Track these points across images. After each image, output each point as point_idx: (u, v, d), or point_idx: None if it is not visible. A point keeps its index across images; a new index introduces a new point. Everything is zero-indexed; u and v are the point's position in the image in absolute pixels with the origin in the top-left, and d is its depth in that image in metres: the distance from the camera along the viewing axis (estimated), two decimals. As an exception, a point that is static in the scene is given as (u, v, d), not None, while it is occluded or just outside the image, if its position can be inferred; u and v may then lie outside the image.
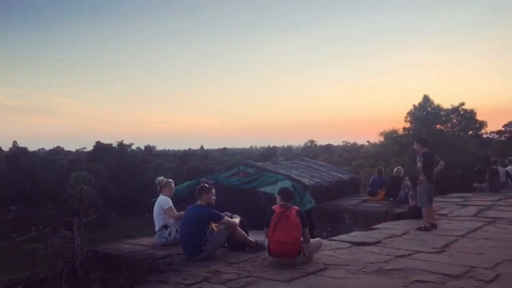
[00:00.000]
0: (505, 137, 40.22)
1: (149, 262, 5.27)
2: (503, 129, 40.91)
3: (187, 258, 5.14)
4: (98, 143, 61.82)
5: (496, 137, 40.85)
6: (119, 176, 52.75)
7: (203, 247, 5.10)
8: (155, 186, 6.45)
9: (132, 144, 65.22)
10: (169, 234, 5.94)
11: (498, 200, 10.23)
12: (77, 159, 61.94)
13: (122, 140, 62.86)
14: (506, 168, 13.98)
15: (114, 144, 62.27)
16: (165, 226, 6.04)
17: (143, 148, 70.52)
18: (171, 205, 6.10)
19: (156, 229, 6.14)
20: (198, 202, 5.36)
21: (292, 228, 4.71)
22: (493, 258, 4.98)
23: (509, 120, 41.15)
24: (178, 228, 5.73)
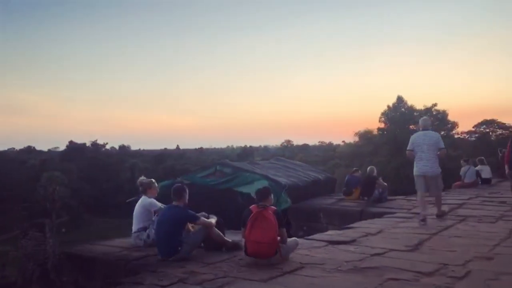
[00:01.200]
0: (475, 137, 41.35)
1: (124, 263, 5.19)
2: (473, 129, 42.06)
3: (162, 259, 5.08)
4: (71, 142, 60.51)
5: (467, 137, 41.95)
6: (93, 176, 51.78)
7: (179, 248, 5.06)
8: (130, 186, 6.36)
9: (107, 143, 64.17)
10: (148, 236, 5.83)
11: (469, 199, 10.51)
12: (49, 159, 60.52)
13: (96, 140, 61.79)
14: (477, 168, 14.37)
15: (88, 144, 61.09)
16: (144, 228, 5.95)
17: (117, 147, 69.37)
18: (160, 205, 6.00)
19: (134, 230, 6.04)
20: (174, 203, 5.31)
21: (269, 228, 4.72)
22: (464, 255, 5.11)
23: (479, 121, 42.32)
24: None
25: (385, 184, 11.69)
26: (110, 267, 5.33)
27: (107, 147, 64.20)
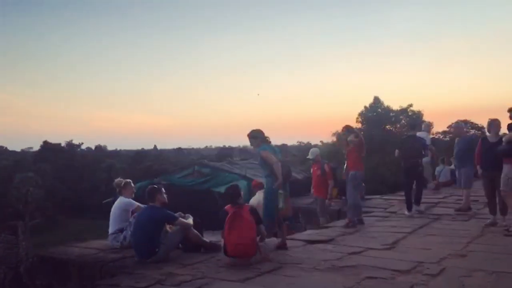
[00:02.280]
0: (449, 137, 42.27)
1: (100, 265, 5.10)
2: (447, 129, 42.98)
3: (140, 260, 5.02)
4: (45, 142, 59.11)
5: (441, 137, 42.84)
6: (68, 177, 50.71)
7: (157, 249, 5.00)
8: (107, 187, 6.27)
9: (82, 143, 62.86)
10: (124, 238, 5.74)
11: (444, 198, 10.73)
12: (23, 159, 59.04)
13: (71, 140, 60.50)
14: (451, 167, 14.67)
15: (63, 144, 59.76)
16: (120, 230, 5.85)
17: (93, 148, 68.19)
18: (138, 204, 5.92)
19: (111, 231, 5.94)
20: (151, 203, 5.25)
21: (247, 228, 4.72)
22: (438, 253, 5.21)
23: (453, 121, 43.26)
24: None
25: (363, 184, 11.82)
26: (86, 270, 5.22)
27: (83, 147, 62.96)
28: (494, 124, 7.00)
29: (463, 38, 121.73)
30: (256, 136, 5.71)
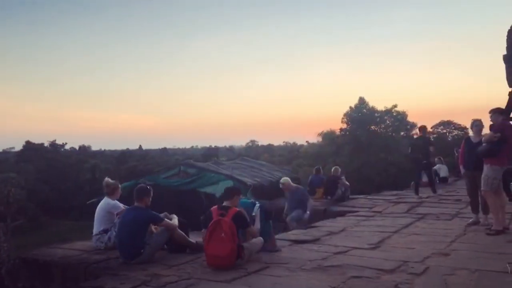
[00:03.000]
0: (433, 137, 42.83)
1: (84, 267, 5.03)
2: (431, 130, 43.55)
3: (124, 261, 4.97)
4: (28, 142, 58.16)
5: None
6: (51, 177, 50.00)
7: (142, 250, 4.95)
8: (91, 188, 6.20)
9: (66, 143, 61.93)
10: (109, 239, 5.68)
11: (427, 197, 10.87)
12: (4, 159, 58.03)
13: (55, 140, 59.62)
14: (435, 167, 14.88)
15: (46, 144, 58.88)
16: (105, 231, 5.78)
17: (77, 148, 67.31)
18: (123, 207, 5.85)
19: (95, 232, 5.86)
20: (136, 204, 5.20)
21: (227, 240, 4.53)
22: (422, 252, 5.28)
23: (437, 122, 43.90)
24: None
25: (348, 183, 11.93)
26: (69, 271, 5.15)
27: (67, 147, 62.03)
28: (475, 124, 7.12)
29: (447, 39, 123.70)
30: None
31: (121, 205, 5.87)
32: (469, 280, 4.14)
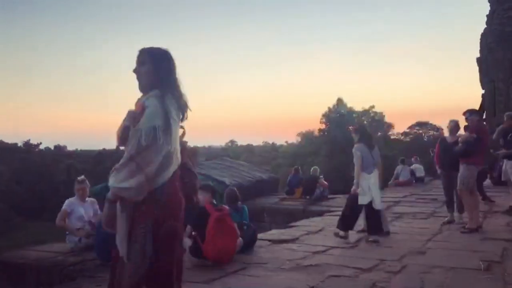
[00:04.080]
0: (409, 138, 43.60)
1: (59, 269, 4.93)
2: (408, 130, 44.34)
3: (101, 263, 4.88)
4: (0, 142, 56.77)
5: (402, 138, 44.12)
6: (25, 178, 48.86)
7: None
8: (66, 188, 6.06)
9: (40, 143, 60.44)
10: (80, 240, 5.57)
11: (404, 197, 11.04)
12: (-24, 160, 56.42)
13: (29, 140, 58.28)
14: (411, 167, 15.14)
15: (20, 144, 57.51)
16: (77, 230, 5.68)
17: (52, 148, 65.90)
18: (64, 207, 5.75)
19: (67, 232, 5.76)
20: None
21: (233, 236, 4.78)
22: (399, 250, 5.35)
23: (413, 123, 44.73)
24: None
25: (326, 183, 12.03)
26: (44, 274, 5.04)
27: (41, 147, 60.64)
28: (451, 125, 7.28)
29: (423, 41, 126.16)
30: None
31: (65, 205, 5.77)
32: (444, 277, 4.23)
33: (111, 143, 2.51)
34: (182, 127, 2.61)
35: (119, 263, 2.43)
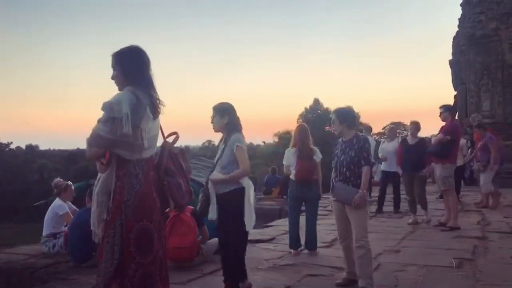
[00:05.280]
0: (384, 138, 44.34)
1: (30, 272, 4.78)
2: (382, 131, 45.07)
3: (75, 265, 4.78)
4: (-31, 141, 55.00)
5: (377, 138, 44.85)
6: (-5, 178, 47.45)
7: (93, 253, 4.78)
8: (39, 189, 5.90)
9: (11, 142, 58.76)
10: (53, 246, 5.41)
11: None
12: None
13: (-1, 138, 56.68)
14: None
15: (-11, 143, 55.88)
16: (53, 235, 5.51)
17: (24, 147, 64.20)
18: (68, 210, 5.60)
19: (43, 234, 5.60)
20: (88, 206, 5.01)
21: (189, 232, 4.61)
22: (375, 249, 5.38)
23: (388, 123, 45.49)
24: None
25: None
26: (14, 277, 4.88)
27: (12, 146, 58.99)
28: (412, 127, 7.59)
29: (397, 41, 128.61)
30: None
31: (67, 209, 5.61)
32: (418, 275, 4.31)
33: (84, 143, 2.53)
34: (175, 132, 2.66)
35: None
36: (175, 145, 2.70)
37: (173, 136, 2.69)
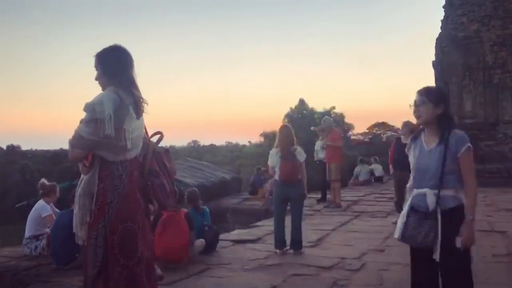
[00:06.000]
0: (368, 138, 44.71)
1: (11, 274, 4.69)
2: (367, 131, 45.49)
3: (58, 267, 4.70)
4: None
5: (361, 138, 45.17)
6: (-25, 179, 46.49)
7: (76, 255, 4.71)
8: (20, 190, 5.78)
9: (-9, 143, 57.87)
10: (35, 248, 5.31)
11: (363, 196, 11.31)
12: None
13: (-21, 139, 55.58)
14: (371, 167, 15.52)
15: (-31, 143, 54.72)
16: (36, 237, 5.41)
17: (5, 147, 63.07)
18: (51, 212, 5.50)
19: (25, 236, 5.50)
20: (72, 207, 4.94)
21: (181, 233, 4.64)
22: (359, 249, 5.48)
23: (372, 124, 45.94)
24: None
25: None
26: (-6, 280, 4.79)
27: (-7, 147, 57.91)
28: (404, 125, 7.57)
29: (382, 41, 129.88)
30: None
31: (49, 211, 5.52)
32: (401, 274, 4.34)
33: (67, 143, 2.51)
34: (160, 132, 2.64)
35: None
36: (159, 145, 2.69)
37: (157, 136, 2.68)
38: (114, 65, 2.47)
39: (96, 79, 2.51)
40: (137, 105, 2.45)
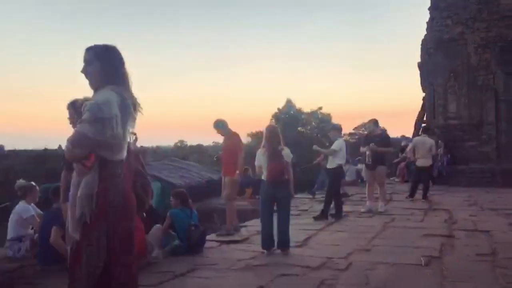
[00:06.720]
0: (355, 138, 45.03)
1: (-6, 276, 4.62)
2: (354, 131, 45.80)
3: (43, 268, 4.64)
4: None
5: (348, 138, 45.51)
6: (-43, 180, 45.54)
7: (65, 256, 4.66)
8: (2, 191, 5.66)
9: (-26, 143, 56.80)
10: (19, 250, 5.22)
11: (350, 196, 11.37)
12: None
13: (-40, 139, 54.49)
14: (357, 167, 15.58)
15: (-49, 143, 53.67)
16: (18, 238, 5.31)
17: (-12, 148, 61.94)
18: (33, 213, 5.40)
19: (8, 238, 5.40)
20: (55, 205, 4.87)
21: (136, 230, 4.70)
22: (346, 248, 5.50)
23: (359, 124, 46.27)
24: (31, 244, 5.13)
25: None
26: (-23, 282, 4.70)
27: (-25, 147, 56.83)
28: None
29: (369, 42, 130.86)
30: None
31: (32, 212, 5.42)
32: (388, 273, 4.39)
33: (53, 143, 2.43)
34: (134, 133, 2.63)
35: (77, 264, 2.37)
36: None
37: (133, 137, 2.68)
38: (115, 63, 2.46)
39: (86, 72, 2.45)
40: (135, 106, 2.45)
